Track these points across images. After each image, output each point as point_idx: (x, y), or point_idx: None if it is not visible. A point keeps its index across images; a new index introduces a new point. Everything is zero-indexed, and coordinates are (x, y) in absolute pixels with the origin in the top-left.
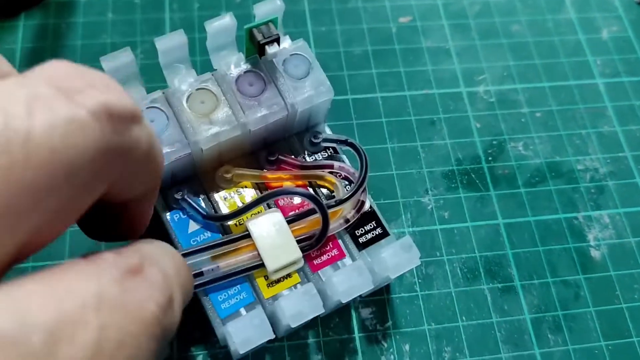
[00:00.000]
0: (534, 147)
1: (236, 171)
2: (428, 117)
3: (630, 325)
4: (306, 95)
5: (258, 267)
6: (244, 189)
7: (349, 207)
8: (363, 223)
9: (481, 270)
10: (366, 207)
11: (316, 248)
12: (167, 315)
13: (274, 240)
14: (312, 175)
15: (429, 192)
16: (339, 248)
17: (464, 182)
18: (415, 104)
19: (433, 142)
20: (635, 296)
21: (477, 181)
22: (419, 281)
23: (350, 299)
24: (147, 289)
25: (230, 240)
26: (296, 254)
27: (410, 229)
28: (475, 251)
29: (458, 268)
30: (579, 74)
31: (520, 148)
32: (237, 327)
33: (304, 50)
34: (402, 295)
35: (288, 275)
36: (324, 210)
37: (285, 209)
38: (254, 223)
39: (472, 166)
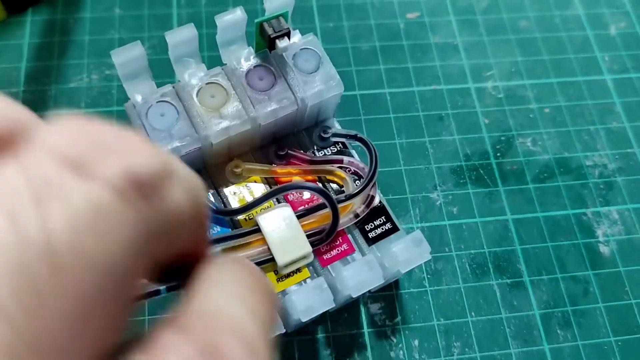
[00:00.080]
0: (543, 143)
1: (246, 166)
2: (436, 113)
3: (639, 321)
4: (316, 89)
5: (268, 262)
6: (253, 183)
7: (359, 202)
8: (373, 218)
9: (490, 266)
10: (376, 202)
11: (326, 242)
12: None
13: (283, 235)
14: (321, 170)
15: (438, 187)
16: (349, 243)
17: (473, 177)
18: (424, 99)
19: (441, 138)
20: None
21: (485, 177)
22: (427, 277)
23: (361, 294)
24: None
25: (240, 234)
26: (306, 248)
27: (419, 225)
28: (484, 247)
29: (467, 263)
30: (587, 70)
31: (529, 144)
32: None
33: (314, 44)
34: (411, 290)
35: (298, 270)
36: (334, 205)
37: (295, 203)
38: (264, 217)
39: (481, 162)
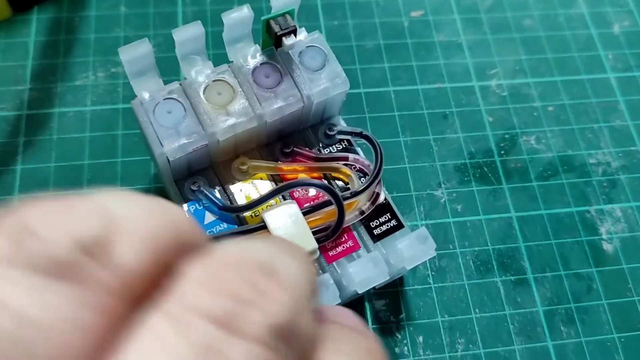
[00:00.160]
0: (546, 141)
1: (252, 163)
2: (440, 111)
3: None
4: (322, 87)
5: None
6: (259, 180)
7: (364, 199)
8: (378, 215)
9: (494, 263)
10: (381, 199)
11: (332, 239)
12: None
13: (289, 232)
14: (327, 167)
15: (442, 185)
16: (354, 239)
17: (477, 175)
18: (428, 97)
19: (445, 136)
20: None
21: (489, 174)
22: (432, 274)
23: (366, 290)
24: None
25: (246, 231)
26: (312, 244)
27: (423, 222)
28: (488, 244)
29: (471, 261)
30: (591, 69)
31: (533, 142)
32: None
33: (319, 42)
34: (416, 287)
35: None
36: (339, 202)
37: (301, 200)
38: (270, 214)
39: (485, 160)
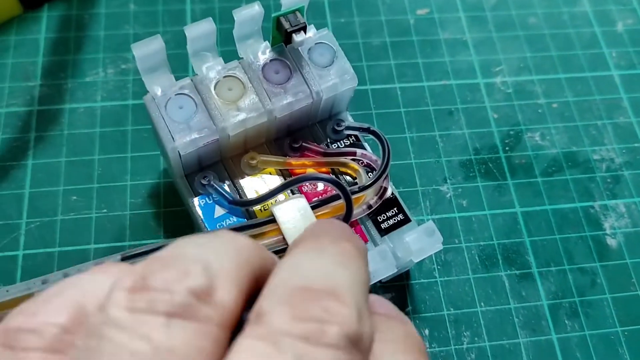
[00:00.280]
0: (551, 137)
1: (261, 158)
2: (446, 108)
3: None
4: (331, 83)
5: (283, 251)
6: (268, 175)
7: (372, 194)
8: (385, 209)
9: (499, 257)
10: (388, 193)
11: None
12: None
13: (298, 225)
14: (335, 162)
15: (448, 180)
16: (362, 233)
17: (482, 171)
18: (433, 94)
19: (451, 132)
20: None
21: (494, 170)
22: (438, 267)
23: (373, 282)
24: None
25: (256, 224)
26: None
27: (429, 217)
28: (493, 239)
29: (476, 255)
30: (595, 66)
31: (537, 138)
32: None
33: (328, 39)
34: (422, 281)
35: None
36: (347, 196)
37: (309, 194)
38: (279, 208)
39: (490, 156)
